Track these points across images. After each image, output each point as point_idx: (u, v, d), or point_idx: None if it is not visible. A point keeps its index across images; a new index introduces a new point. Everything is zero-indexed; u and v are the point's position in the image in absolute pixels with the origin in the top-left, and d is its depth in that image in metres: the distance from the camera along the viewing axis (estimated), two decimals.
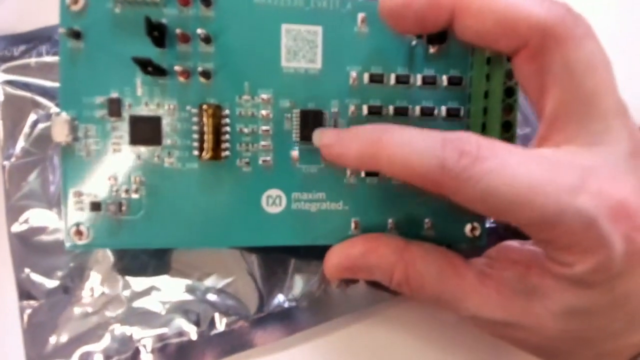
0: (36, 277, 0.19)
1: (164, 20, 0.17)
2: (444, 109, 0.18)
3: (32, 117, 0.20)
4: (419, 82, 0.18)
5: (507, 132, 0.17)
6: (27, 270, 0.20)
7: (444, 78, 0.18)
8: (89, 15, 0.16)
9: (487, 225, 0.20)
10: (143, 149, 0.18)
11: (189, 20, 0.17)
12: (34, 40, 0.20)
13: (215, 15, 0.17)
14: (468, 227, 0.19)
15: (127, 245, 0.18)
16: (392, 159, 0.15)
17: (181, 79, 0.17)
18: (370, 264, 0.17)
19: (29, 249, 0.19)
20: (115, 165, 0.17)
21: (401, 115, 0.18)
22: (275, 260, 0.20)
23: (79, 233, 0.17)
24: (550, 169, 0.13)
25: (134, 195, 0.17)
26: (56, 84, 0.20)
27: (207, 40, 0.17)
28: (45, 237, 0.20)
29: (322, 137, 0.17)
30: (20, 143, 0.20)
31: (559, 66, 0.14)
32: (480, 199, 0.14)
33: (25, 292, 0.20)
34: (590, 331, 0.15)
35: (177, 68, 0.17)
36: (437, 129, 0.15)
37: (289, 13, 0.17)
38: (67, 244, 0.17)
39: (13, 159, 0.20)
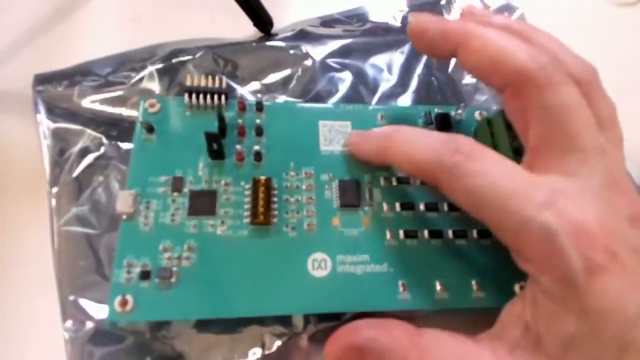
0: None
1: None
2: None
3: (78, 146, 0.18)
4: None
5: None
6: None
7: None
8: (163, 115, 0.16)
9: None
10: (199, 220, 0.16)
11: (245, 119, 0.18)
12: (76, 74, 0.20)
13: (266, 116, 0.16)
14: (517, 287, 0.15)
15: (170, 316, 0.14)
16: (399, 151, 0.15)
17: (237, 161, 0.15)
18: (381, 346, 0.13)
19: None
20: (171, 235, 0.15)
21: (425, 184, 0.16)
22: None
23: (124, 303, 0.13)
24: (527, 185, 0.13)
25: (185, 263, 0.14)
26: (100, 114, 0.19)
27: (259, 132, 0.16)
28: None
29: (350, 136, 0.17)
30: (67, 172, 0.18)
31: (538, 107, 0.14)
32: (464, 193, 0.13)
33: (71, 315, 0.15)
34: None
35: (236, 149, 0.17)
36: None
37: (323, 113, 0.17)
38: (109, 317, 0.14)
39: (59, 187, 0.17)
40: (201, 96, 0.18)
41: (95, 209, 0.18)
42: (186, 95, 0.17)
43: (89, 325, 0.16)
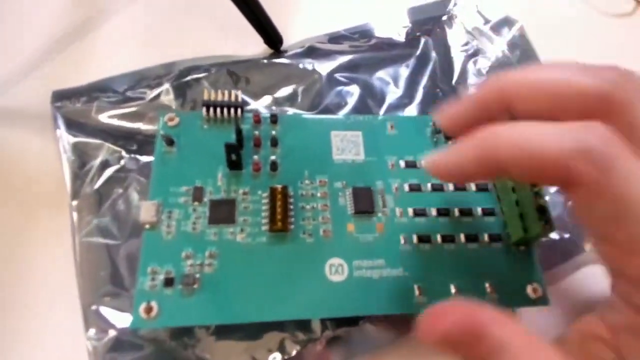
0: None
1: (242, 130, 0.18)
2: (472, 185, 0.17)
3: (98, 160, 0.19)
4: None
5: (543, 215, 0.15)
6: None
7: None
8: (181, 128, 0.17)
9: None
10: (219, 228, 0.16)
11: (260, 131, 0.18)
12: (94, 91, 0.20)
13: (280, 128, 0.17)
14: (529, 288, 0.15)
15: (194, 322, 0.14)
16: (517, 145, 0.10)
17: (254, 171, 0.16)
18: (502, 338, 0.10)
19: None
20: (193, 243, 0.16)
21: (438, 191, 0.17)
22: None
23: (148, 310, 0.13)
24: None
25: (207, 270, 0.14)
26: (118, 129, 0.20)
27: (274, 143, 0.17)
28: None
29: (433, 159, 0.13)
30: (87, 184, 0.18)
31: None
32: (611, 197, 0.10)
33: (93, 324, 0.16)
34: None
35: (253, 160, 0.18)
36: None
37: (335, 124, 0.18)
38: (133, 324, 0.14)
39: (80, 200, 0.18)
40: (218, 110, 0.18)
41: (115, 220, 0.18)
42: (204, 109, 0.18)
43: (111, 333, 0.16)
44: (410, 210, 0.17)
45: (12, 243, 0.18)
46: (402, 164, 0.18)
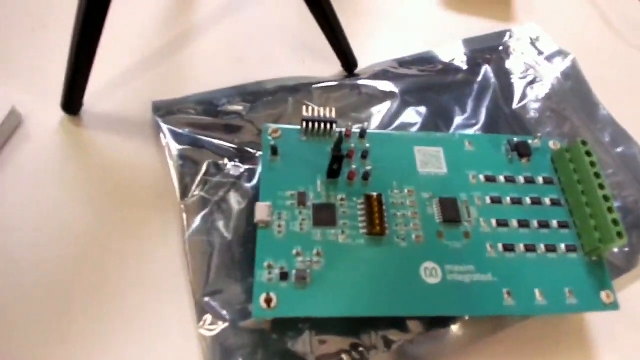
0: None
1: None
2: (547, 200, 0.18)
3: (203, 166, 0.21)
4: (521, 180, 0.19)
5: (608, 202, 0.17)
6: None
7: (540, 178, 0.19)
8: (283, 140, 0.19)
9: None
10: (323, 229, 0.18)
11: (350, 144, 0.20)
12: (193, 102, 0.22)
13: (368, 142, 0.19)
14: (604, 295, 0.17)
15: (306, 314, 0.16)
16: None
17: (348, 180, 0.18)
18: None
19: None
20: (301, 241, 0.17)
21: (517, 204, 0.18)
22: None
23: (268, 301, 0.15)
24: None
25: (316, 267, 0.16)
26: (218, 138, 0.22)
27: (364, 156, 0.19)
28: None
29: None
30: (195, 188, 0.20)
31: None
32: None
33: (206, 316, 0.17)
34: None
35: (351, 169, 0.19)
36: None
37: (417, 140, 0.20)
38: (255, 313, 0.16)
39: (187, 202, 0.20)
40: (316, 124, 0.20)
41: (219, 221, 0.20)
42: (304, 123, 0.20)
43: (222, 325, 0.18)
44: (493, 221, 0.19)
45: (123, 241, 0.20)
46: (482, 178, 0.20)
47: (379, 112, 0.24)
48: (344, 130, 0.20)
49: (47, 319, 0.18)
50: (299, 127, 0.20)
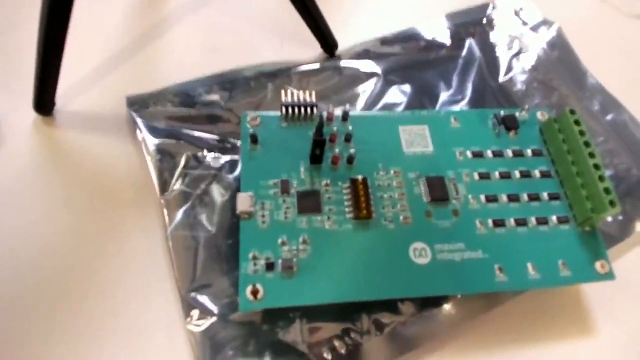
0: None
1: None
2: (537, 172, 0.18)
3: (182, 159, 0.20)
4: (510, 154, 0.18)
5: (599, 170, 0.17)
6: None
7: (528, 151, 0.19)
8: (263, 127, 0.18)
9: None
10: (308, 216, 0.17)
11: (332, 128, 0.20)
12: (168, 95, 0.22)
13: (351, 124, 0.18)
14: (598, 265, 0.16)
15: (295, 303, 0.15)
16: None
17: (332, 164, 0.17)
18: None
19: None
20: (286, 230, 0.17)
21: (505, 178, 0.18)
22: None
23: (255, 292, 0.15)
24: None
25: (302, 255, 0.15)
26: (196, 129, 0.21)
27: (347, 139, 0.18)
28: None
29: None
30: (175, 182, 0.20)
31: None
32: None
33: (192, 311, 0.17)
34: None
35: (334, 153, 0.18)
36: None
37: (401, 119, 0.19)
38: (242, 306, 0.15)
39: (167, 196, 0.19)
40: (296, 109, 0.20)
41: (201, 214, 0.19)
42: (283, 109, 0.19)
43: (210, 319, 0.17)
44: (482, 197, 0.19)
45: (105, 240, 0.19)
46: (469, 154, 0.20)
47: (363, 92, 0.24)
48: (325, 113, 0.19)
49: (31, 319, 0.17)
50: (278, 113, 0.19)
